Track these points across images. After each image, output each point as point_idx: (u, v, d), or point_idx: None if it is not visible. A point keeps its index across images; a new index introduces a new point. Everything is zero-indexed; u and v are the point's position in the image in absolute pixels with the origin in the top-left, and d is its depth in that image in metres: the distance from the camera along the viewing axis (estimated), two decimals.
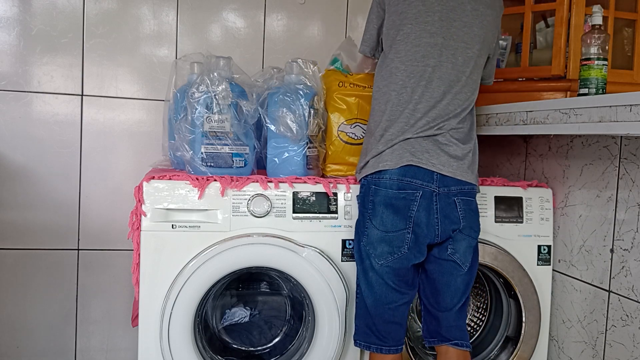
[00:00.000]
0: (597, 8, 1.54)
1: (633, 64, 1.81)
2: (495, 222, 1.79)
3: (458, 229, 1.51)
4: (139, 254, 1.54)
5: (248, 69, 1.82)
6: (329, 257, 1.63)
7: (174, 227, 1.55)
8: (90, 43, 2.11)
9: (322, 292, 1.61)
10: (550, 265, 1.85)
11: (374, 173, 1.51)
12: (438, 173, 1.48)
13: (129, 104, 2.16)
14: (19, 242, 2.08)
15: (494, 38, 1.60)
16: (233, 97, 1.61)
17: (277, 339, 1.87)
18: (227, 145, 1.62)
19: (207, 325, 1.81)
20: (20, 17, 2.05)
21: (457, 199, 1.50)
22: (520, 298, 1.80)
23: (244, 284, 1.91)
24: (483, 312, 1.98)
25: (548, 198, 1.85)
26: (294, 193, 1.63)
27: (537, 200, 1.83)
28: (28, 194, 2.08)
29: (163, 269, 1.54)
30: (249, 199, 1.59)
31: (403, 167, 1.47)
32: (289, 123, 1.63)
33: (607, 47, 1.52)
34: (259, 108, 1.66)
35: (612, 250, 1.65)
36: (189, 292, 1.53)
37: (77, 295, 2.15)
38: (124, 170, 2.16)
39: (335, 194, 1.66)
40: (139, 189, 1.55)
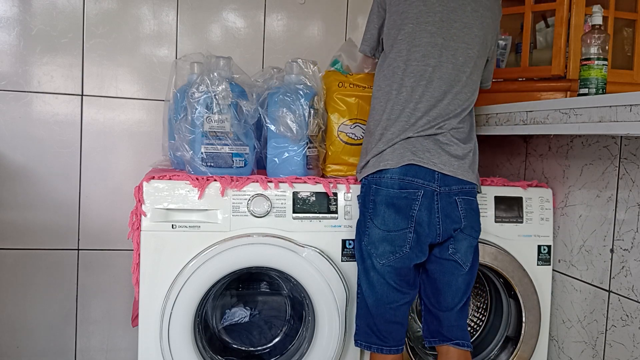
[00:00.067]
0: (597, 8, 1.54)
1: (633, 64, 1.81)
2: (495, 222, 1.79)
3: (459, 229, 1.51)
4: (139, 254, 1.54)
5: (248, 69, 1.82)
6: (329, 257, 1.63)
7: (174, 227, 1.55)
8: (90, 43, 2.11)
9: (322, 292, 1.61)
10: (550, 265, 1.85)
11: (375, 172, 1.51)
12: (439, 172, 1.48)
13: (129, 104, 2.16)
14: (19, 242, 2.08)
15: (493, 41, 1.61)
16: (233, 97, 1.61)
17: (277, 339, 1.87)
18: (227, 145, 1.62)
19: (207, 325, 1.81)
20: (20, 17, 2.05)
21: (458, 198, 1.51)
22: (520, 298, 1.80)
23: (244, 284, 1.91)
24: (483, 312, 1.98)
25: (548, 198, 1.85)
26: (294, 193, 1.63)
27: (537, 200, 1.83)
28: (28, 194, 2.08)
29: (163, 269, 1.54)
30: (249, 199, 1.59)
31: (404, 166, 1.47)
32: (289, 123, 1.63)
33: (607, 47, 1.52)
34: (259, 108, 1.66)
35: (612, 250, 1.65)
36: (189, 292, 1.53)
37: (77, 295, 2.15)
38: (124, 170, 2.16)
39: (335, 194, 1.66)
40: (139, 189, 1.55)
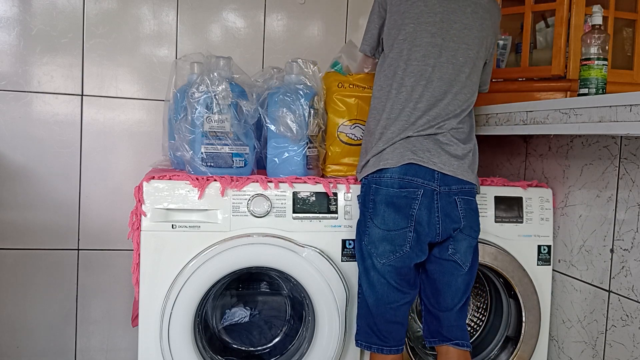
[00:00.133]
0: (597, 8, 1.54)
1: (633, 64, 1.81)
2: (495, 222, 1.79)
3: (459, 229, 1.51)
4: (139, 254, 1.54)
5: (248, 69, 1.82)
6: (329, 257, 1.63)
7: (174, 227, 1.55)
8: (90, 43, 2.11)
9: (322, 292, 1.61)
10: (550, 265, 1.85)
11: (375, 172, 1.51)
12: (439, 172, 1.48)
13: (129, 104, 2.16)
14: (19, 242, 2.08)
15: (492, 43, 1.61)
16: (233, 97, 1.61)
17: (277, 339, 1.87)
18: (227, 145, 1.62)
19: (207, 325, 1.81)
20: (20, 17, 2.05)
21: (457, 198, 1.51)
22: (520, 298, 1.80)
23: (244, 284, 1.91)
24: (483, 312, 1.98)
25: (548, 198, 1.85)
26: (294, 193, 1.63)
27: (537, 200, 1.83)
28: (28, 194, 2.08)
29: (163, 269, 1.54)
30: (249, 199, 1.59)
31: (404, 165, 1.47)
32: (289, 123, 1.63)
33: (607, 47, 1.52)
34: (259, 108, 1.66)
35: (612, 250, 1.65)
36: (189, 292, 1.53)
37: (77, 295, 2.15)
38: (124, 170, 2.16)
39: (335, 194, 1.66)
40: (139, 189, 1.55)
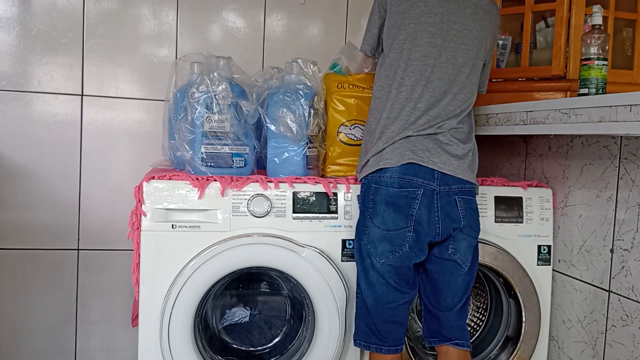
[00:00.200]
0: (597, 8, 1.54)
1: (633, 64, 1.81)
2: (495, 222, 1.79)
3: (459, 228, 1.51)
4: (139, 254, 1.54)
5: (248, 69, 1.82)
6: (329, 257, 1.63)
7: (174, 227, 1.55)
8: (90, 43, 2.11)
9: (322, 292, 1.61)
10: (550, 265, 1.85)
11: (375, 172, 1.51)
12: (439, 171, 1.48)
13: (129, 104, 2.16)
14: (19, 242, 2.08)
15: (491, 44, 1.62)
16: (233, 97, 1.61)
17: (277, 339, 1.87)
18: (227, 145, 1.62)
19: (207, 325, 1.81)
20: (20, 17, 2.05)
21: (457, 198, 1.51)
22: (520, 298, 1.80)
23: (244, 284, 1.91)
24: (483, 312, 1.98)
25: (548, 198, 1.85)
26: (294, 193, 1.63)
27: (537, 200, 1.83)
28: (28, 194, 2.08)
29: (163, 269, 1.54)
30: (249, 199, 1.59)
31: (404, 165, 1.47)
32: (289, 123, 1.63)
33: (607, 47, 1.52)
34: (259, 108, 1.66)
35: (612, 250, 1.65)
36: (189, 292, 1.53)
37: (77, 295, 2.15)
38: (124, 170, 2.16)
39: (335, 194, 1.66)
40: (139, 189, 1.55)
